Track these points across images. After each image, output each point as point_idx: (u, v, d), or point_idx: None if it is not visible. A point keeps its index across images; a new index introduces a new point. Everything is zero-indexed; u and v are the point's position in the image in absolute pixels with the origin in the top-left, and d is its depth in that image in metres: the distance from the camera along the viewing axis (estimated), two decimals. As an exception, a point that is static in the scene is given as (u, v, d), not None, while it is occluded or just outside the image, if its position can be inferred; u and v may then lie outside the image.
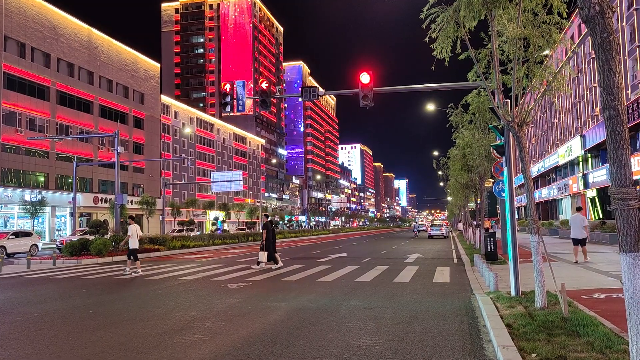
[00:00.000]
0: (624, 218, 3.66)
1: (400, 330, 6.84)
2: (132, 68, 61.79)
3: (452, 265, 16.94)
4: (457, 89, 14.35)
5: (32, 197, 43.43)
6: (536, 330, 6.01)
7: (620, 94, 3.72)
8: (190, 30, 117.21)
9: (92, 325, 7.56)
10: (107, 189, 55.44)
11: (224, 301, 9.70)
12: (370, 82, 14.08)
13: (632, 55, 34.42)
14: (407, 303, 9.14)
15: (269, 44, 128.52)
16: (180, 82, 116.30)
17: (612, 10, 3.77)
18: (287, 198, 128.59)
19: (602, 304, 7.98)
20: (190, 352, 5.85)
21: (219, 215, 76.01)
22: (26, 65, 45.88)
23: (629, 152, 3.70)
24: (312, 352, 5.78)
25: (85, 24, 54.18)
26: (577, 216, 15.24)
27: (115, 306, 9.43)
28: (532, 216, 7.69)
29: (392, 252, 25.30)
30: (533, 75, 7.84)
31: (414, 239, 43.42)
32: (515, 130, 7.73)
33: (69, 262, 20.18)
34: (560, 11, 7.26)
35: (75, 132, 50.97)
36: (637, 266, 3.60)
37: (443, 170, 24.99)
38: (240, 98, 15.68)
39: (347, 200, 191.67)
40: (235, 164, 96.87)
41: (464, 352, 5.71)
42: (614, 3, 35.96)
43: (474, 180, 21.31)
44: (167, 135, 74.55)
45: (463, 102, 13.47)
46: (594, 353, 5.00)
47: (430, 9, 7.34)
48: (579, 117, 46.30)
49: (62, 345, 6.36)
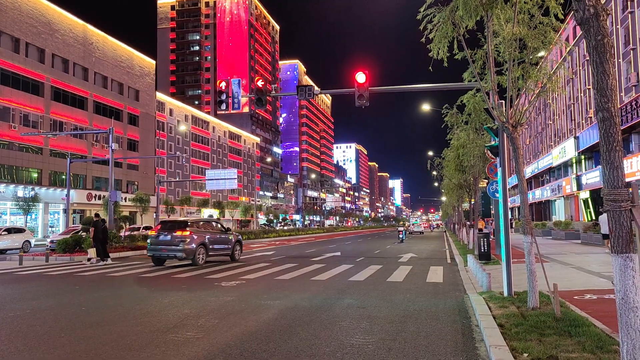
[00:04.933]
0: (616, 219, 3.68)
1: (394, 330, 6.85)
2: (127, 65, 61.51)
3: (446, 265, 16.99)
4: (453, 90, 14.38)
5: (25, 193, 43.15)
6: (528, 331, 6.04)
7: (613, 96, 3.74)
8: (186, 27, 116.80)
9: (84, 322, 7.54)
10: (101, 185, 55.22)
11: (218, 299, 9.68)
12: (366, 81, 14.09)
13: (626, 58, 34.62)
14: (401, 302, 9.16)
15: (265, 42, 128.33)
16: (175, 80, 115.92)
17: (606, 13, 3.79)
18: (281, 197, 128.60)
19: (594, 304, 8.03)
20: (183, 350, 5.84)
21: (213, 214, 75.85)
22: (20, 60, 45.59)
23: (621, 154, 3.72)
24: (305, 351, 5.78)
25: (80, 20, 53.87)
26: (605, 215, 15.39)
27: (108, 303, 9.40)
28: (525, 217, 7.73)
29: (386, 251, 25.35)
30: (528, 77, 7.87)
31: (408, 239, 43.43)
32: (510, 131, 7.77)
33: (62, 259, 20.11)
34: (556, 12, 7.30)
35: (69, 129, 50.72)
36: (628, 267, 3.63)
37: (437, 171, 25.05)
38: (236, 96, 15.63)
39: (342, 199, 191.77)
40: (230, 162, 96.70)
41: (457, 352, 5.73)
42: (609, 6, 36.15)
43: (468, 181, 21.38)
44: (162, 132, 74.30)
45: (459, 102, 13.50)
46: (585, 353, 5.03)
47: (427, 10, 7.36)
48: (573, 118, 46.53)
49: (54, 341, 6.34)
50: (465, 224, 31.51)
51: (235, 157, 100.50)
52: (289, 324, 7.23)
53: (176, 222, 18.02)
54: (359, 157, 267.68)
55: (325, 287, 11.46)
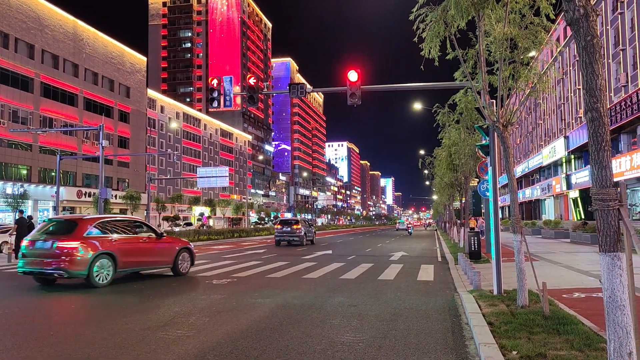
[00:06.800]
0: (604, 219, 3.72)
1: (384, 327, 6.88)
2: (118, 61, 61.07)
3: (436, 264, 17.07)
4: (445, 89, 14.43)
5: (14, 190, 42.75)
6: (517, 328, 6.09)
7: (603, 96, 3.78)
8: (177, 24, 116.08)
9: (74, 320, 7.49)
10: (91, 183, 54.81)
11: (209, 297, 9.66)
12: (358, 80, 14.09)
13: (615, 58, 34.93)
14: (391, 300, 9.20)
15: (257, 40, 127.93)
16: (167, 77, 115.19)
17: (596, 13, 3.82)
18: (273, 195, 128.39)
19: (582, 303, 8.11)
20: (173, 348, 5.83)
21: (204, 211, 75.61)
22: (9, 56, 45.10)
23: (609, 154, 3.76)
24: (296, 348, 5.79)
25: (70, 16, 53.40)
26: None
27: (98, 301, 9.34)
28: (515, 216, 7.78)
29: (377, 250, 25.41)
30: (519, 77, 7.93)
31: (399, 238, 43.59)
32: (500, 131, 7.81)
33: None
34: (547, 12, 7.35)
35: (59, 125, 50.28)
36: (615, 266, 3.67)
37: (429, 169, 25.13)
38: (228, 93, 15.59)
39: (334, 197, 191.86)
40: (222, 160, 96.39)
41: (447, 349, 5.76)
42: (599, 7, 36.44)
43: (459, 180, 21.48)
44: (153, 129, 73.88)
45: (450, 101, 13.55)
46: (573, 351, 5.08)
47: (420, 9, 7.38)
48: (563, 118, 46.90)
49: (43, 339, 6.29)
50: (456, 223, 31.67)
51: (226, 154, 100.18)
52: (280, 322, 7.23)
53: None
54: (351, 156, 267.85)
55: (317, 285, 11.47)
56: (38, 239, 11.25)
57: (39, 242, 11.15)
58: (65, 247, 10.78)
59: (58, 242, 10.86)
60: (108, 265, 11.25)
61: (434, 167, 24.36)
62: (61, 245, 10.81)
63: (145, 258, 12.53)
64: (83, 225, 11.32)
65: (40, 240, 11.17)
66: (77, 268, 10.73)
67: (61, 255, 10.68)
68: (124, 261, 11.66)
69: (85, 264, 10.78)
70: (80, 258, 10.75)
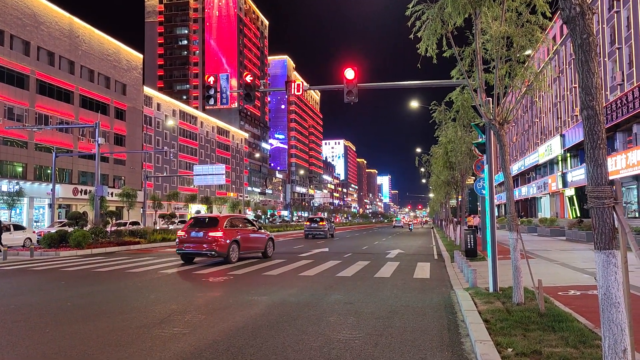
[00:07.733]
0: (599, 216, 3.74)
1: (380, 325, 6.89)
2: (114, 58, 60.83)
3: (433, 261, 17.10)
4: (441, 87, 14.45)
5: (9, 188, 42.50)
6: (513, 326, 6.11)
7: (598, 94, 3.79)
8: (174, 21, 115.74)
9: (70, 318, 7.47)
10: (87, 180, 54.63)
11: (205, 295, 9.66)
12: (354, 77, 14.09)
13: (611, 57, 35.04)
14: (388, 298, 9.21)
15: (254, 37, 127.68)
16: (163, 74, 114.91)
17: (592, 11, 3.83)
18: (270, 192, 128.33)
19: (578, 300, 8.15)
20: (169, 345, 5.82)
21: (201, 209, 75.47)
22: (5, 52, 44.84)
23: (605, 152, 3.77)
24: (292, 346, 5.79)
25: (66, 13, 53.10)
26: None
27: (94, 299, 9.32)
28: (511, 214, 7.80)
29: (373, 247, 25.44)
30: (515, 75, 7.94)
31: (396, 235, 43.66)
32: (497, 129, 7.83)
33: (47, 254, 19.88)
34: (544, 10, 7.36)
35: (55, 122, 50.03)
36: (610, 263, 3.69)
37: (425, 167, 25.14)
38: (224, 91, 15.56)
39: (330, 195, 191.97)
40: (218, 158, 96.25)
41: (443, 347, 5.78)
42: (595, 5, 36.53)
43: (455, 178, 21.51)
44: (149, 127, 73.69)
45: (447, 99, 13.57)
46: (568, 348, 5.11)
47: (416, 6, 7.38)
48: (559, 116, 47.02)
49: (39, 337, 6.27)
50: (452, 221, 31.73)
51: (223, 152, 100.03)
52: (277, 320, 7.24)
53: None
54: (348, 153, 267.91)
55: (313, 282, 11.48)
56: (192, 231, 15.90)
57: (193, 232, 15.82)
58: (214, 236, 15.54)
59: (209, 232, 15.55)
60: (236, 249, 16.17)
61: (430, 165, 24.39)
62: (211, 234, 15.53)
63: (252, 244, 17.40)
64: (222, 221, 16.22)
65: (194, 231, 15.84)
66: (222, 250, 15.54)
67: (212, 241, 15.43)
68: (243, 246, 16.59)
69: (226, 247, 15.66)
70: (223, 243, 15.58)
